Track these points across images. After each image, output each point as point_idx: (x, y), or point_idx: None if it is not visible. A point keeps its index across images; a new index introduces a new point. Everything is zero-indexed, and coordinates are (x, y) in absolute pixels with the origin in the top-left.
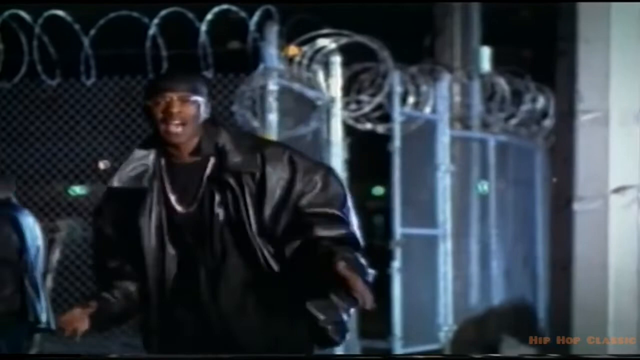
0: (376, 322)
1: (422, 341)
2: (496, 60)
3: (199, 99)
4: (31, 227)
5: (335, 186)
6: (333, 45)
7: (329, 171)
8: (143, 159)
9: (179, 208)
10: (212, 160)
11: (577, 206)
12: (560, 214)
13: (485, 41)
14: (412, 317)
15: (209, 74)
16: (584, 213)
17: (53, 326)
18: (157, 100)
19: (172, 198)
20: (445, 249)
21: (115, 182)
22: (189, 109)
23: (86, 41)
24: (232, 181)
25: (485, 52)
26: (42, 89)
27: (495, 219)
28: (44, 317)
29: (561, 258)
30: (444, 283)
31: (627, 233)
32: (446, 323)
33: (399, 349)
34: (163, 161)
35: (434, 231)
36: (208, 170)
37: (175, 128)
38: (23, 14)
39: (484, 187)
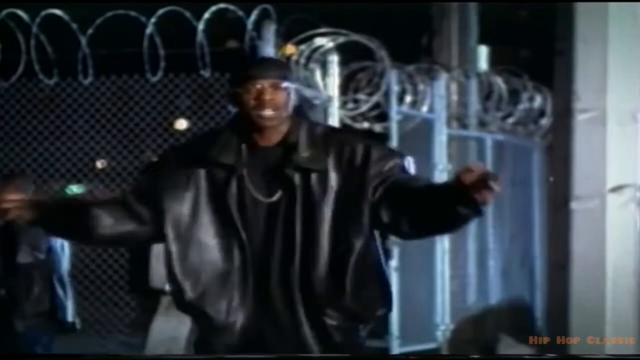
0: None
1: (419, 340)
2: (493, 59)
3: (290, 86)
4: None
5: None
6: (330, 44)
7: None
8: (226, 143)
9: (258, 196)
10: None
11: (574, 205)
12: (558, 213)
13: (482, 40)
14: (410, 316)
15: (206, 73)
16: (582, 212)
17: (79, 326)
18: (248, 87)
19: (251, 186)
20: (443, 248)
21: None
22: (280, 96)
23: (84, 40)
24: (298, 177)
25: (483, 51)
26: (39, 88)
27: (493, 218)
28: (70, 317)
29: (558, 257)
30: (441, 282)
31: (624, 232)
32: (443, 322)
33: (396, 348)
34: (245, 148)
35: None
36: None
37: (268, 112)
38: (20, 13)
39: None
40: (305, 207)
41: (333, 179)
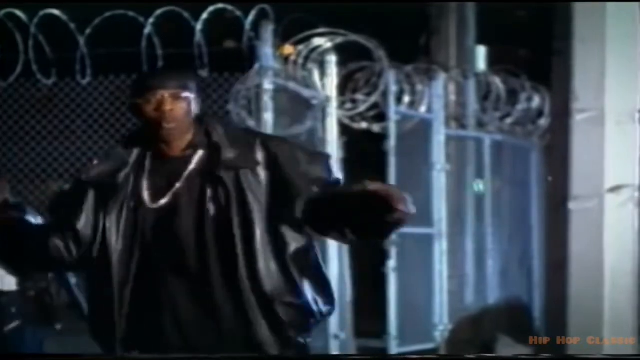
0: (371, 321)
1: (417, 340)
2: (491, 60)
3: (190, 95)
4: None
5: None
6: (328, 45)
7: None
8: (123, 154)
9: (149, 202)
10: (199, 155)
11: (572, 205)
12: (556, 213)
13: (480, 40)
14: (408, 317)
15: (204, 73)
16: (580, 212)
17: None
18: (148, 98)
19: (146, 192)
20: (441, 248)
21: (88, 175)
22: (181, 106)
23: (82, 40)
24: (226, 177)
25: (481, 51)
26: (37, 88)
27: (491, 218)
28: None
29: (557, 257)
30: (440, 282)
31: (622, 232)
32: (441, 322)
33: (394, 348)
34: (148, 157)
35: (430, 230)
36: (193, 165)
37: (168, 124)
38: (19, 13)
39: (479, 186)
40: (239, 207)
41: (262, 176)
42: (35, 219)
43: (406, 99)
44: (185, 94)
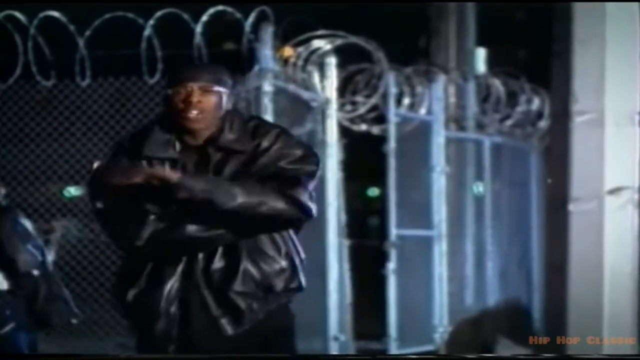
0: (371, 323)
1: (417, 342)
2: (491, 61)
3: (220, 89)
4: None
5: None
6: (328, 47)
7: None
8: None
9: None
10: (218, 146)
11: (572, 207)
12: (556, 215)
13: (480, 42)
14: (407, 318)
15: None
16: (579, 214)
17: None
18: (178, 90)
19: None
20: (441, 250)
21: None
22: (209, 99)
23: (81, 42)
24: (220, 155)
25: (481, 53)
26: (37, 90)
27: (491, 220)
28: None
29: (556, 259)
30: (439, 284)
31: (622, 234)
32: (441, 324)
33: (394, 350)
34: (177, 146)
35: (429, 232)
36: (212, 157)
37: (193, 114)
38: (18, 14)
39: (479, 188)
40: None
41: (251, 163)
42: (25, 223)
43: (406, 101)
44: (215, 88)
